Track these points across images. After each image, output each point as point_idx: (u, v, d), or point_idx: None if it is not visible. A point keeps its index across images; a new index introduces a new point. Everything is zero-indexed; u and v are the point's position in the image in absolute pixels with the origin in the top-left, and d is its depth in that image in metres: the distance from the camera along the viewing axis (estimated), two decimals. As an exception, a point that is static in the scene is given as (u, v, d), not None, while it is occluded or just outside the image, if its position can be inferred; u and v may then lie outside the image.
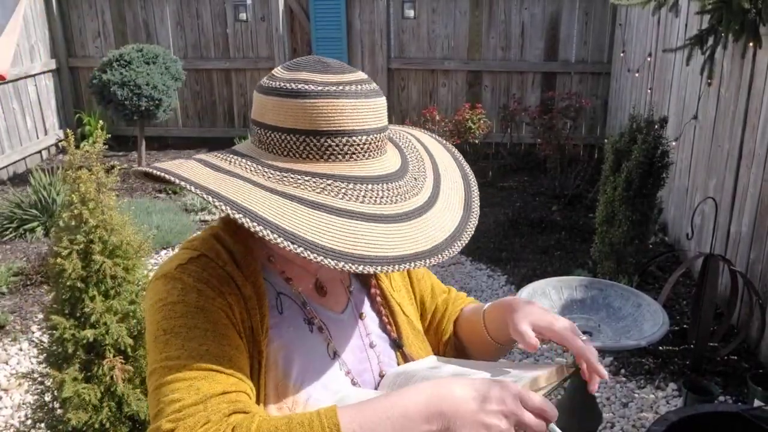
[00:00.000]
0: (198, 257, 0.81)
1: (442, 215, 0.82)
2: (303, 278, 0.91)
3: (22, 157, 5.95)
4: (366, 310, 0.97)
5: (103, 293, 1.88)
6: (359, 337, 0.93)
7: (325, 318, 0.90)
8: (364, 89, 0.80)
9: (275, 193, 0.74)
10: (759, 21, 2.70)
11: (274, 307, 0.85)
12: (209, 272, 0.80)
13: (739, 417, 1.98)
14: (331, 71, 0.79)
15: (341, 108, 0.77)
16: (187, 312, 0.76)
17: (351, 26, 6.32)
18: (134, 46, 5.69)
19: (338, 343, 0.90)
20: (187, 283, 0.78)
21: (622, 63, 5.46)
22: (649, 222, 3.33)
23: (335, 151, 0.78)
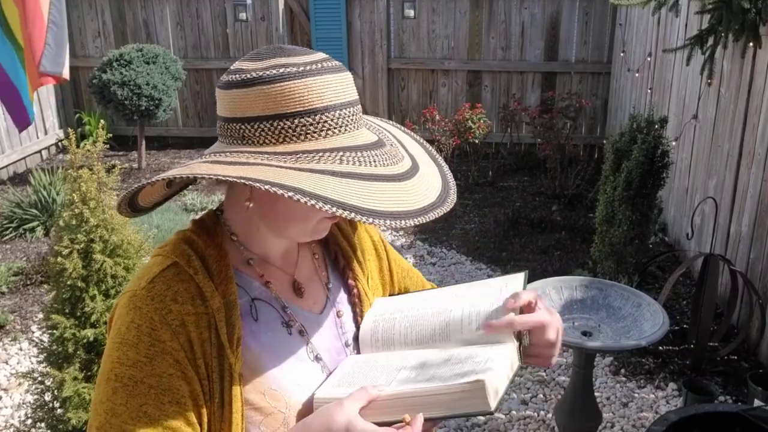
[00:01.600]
0: (167, 268, 0.81)
1: (430, 170, 0.87)
2: (281, 280, 0.90)
3: (22, 156, 5.95)
4: (343, 307, 0.97)
5: (104, 292, 1.89)
6: (337, 337, 0.93)
7: (304, 320, 0.90)
8: (335, 65, 0.81)
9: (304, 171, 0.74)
10: (759, 21, 2.70)
11: (248, 314, 0.84)
12: (174, 290, 0.79)
13: (739, 417, 1.98)
14: (297, 54, 0.80)
15: (327, 83, 0.78)
16: (137, 362, 0.77)
17: (351, 26, 6.32)
18: (134, 45, 5.69)
19: (318, 344, 0.90)
20: (145, 317, 0.78)
21: (622, 63, 5.46)
22: (649, 222, 3.33)
23: (331, 125, 0.78)
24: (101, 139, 1.98)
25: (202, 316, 0.80)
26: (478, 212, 4.95)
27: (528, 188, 5.43)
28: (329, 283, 0.96)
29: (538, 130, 5.56)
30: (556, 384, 2.90)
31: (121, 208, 0.86)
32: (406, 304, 0.96)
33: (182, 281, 0.80)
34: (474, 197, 5.26)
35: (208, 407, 0.79)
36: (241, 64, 0.80)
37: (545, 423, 2.64)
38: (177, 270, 0.81)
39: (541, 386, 2.89)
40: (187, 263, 0.81)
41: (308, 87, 0.77)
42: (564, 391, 2.37)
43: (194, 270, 0.81)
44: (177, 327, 0.78)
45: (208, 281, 0.81)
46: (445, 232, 4.62)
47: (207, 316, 0.80)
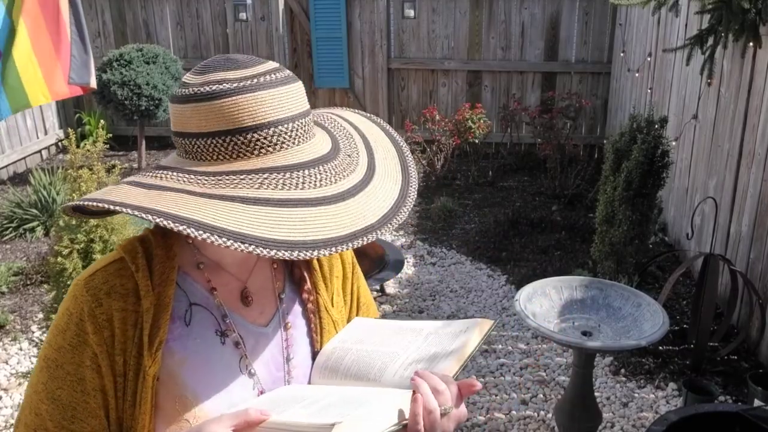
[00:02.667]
0: (113, 262, 0.83)
1: (383, 185, 0.82)
2: (229, 287, 0.88)
3: (22, 156, 5.95)
4: (294, 319, 0.94)
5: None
6: (279, 350, 0.90)
7: (245, 331, 0.88)
8: (279, 77, 0.79)
9: (213, 198, 0.73)
10: (759, 21, 2.70)
11: (181, 318, 0.84)
12: (111, 284, 0.81)
13: (739, 417, 1.98)
14: (241, 66, 0.78)
15: (261, 100, 0.76)
16: (61, 348, 0.81)
17: (351, 26, 6.32)
18: (134, 45, 5.69)
19: (255, 358, 0.88)
20: (79, 305, 0.81)
21: (622, 63, 5.46)
22: (649, 222, 3.33)
23: (264, 144, 0.77)
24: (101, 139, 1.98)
25: (130, 314, 0.81)
26: (478, 212, 4.95)
27: (528, 188, 5.43)
28: (283, 294, 0.93)
29: (538, 130, 5.57)
30: (556, 384, 2.90)
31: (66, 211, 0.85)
32: (371, 335, 0.93)
33: (122, 277, 0.82)
34: (474, 197, 5.26)
35: (118, 403, 0.81)
36: (186, 76, 0.80)
37: (545, 423, 2.64)
38: (121, 265, 0.83)
39: (541, 386, 2.89)
40: (132, 260, 0.82)
41: (238, 105, 0.76)
42: (564, 391, 2.37)
43: (136, 267, 0.82)
44: (103, 321, 0.80)
45: (146, 280, 0.81)
46: (445, 232, 4.62)
47: (136, 315, 0.81)
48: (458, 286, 3.82)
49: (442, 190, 5.36)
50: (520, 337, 3.28)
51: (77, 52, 3.14)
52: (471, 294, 3.74)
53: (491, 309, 3.58)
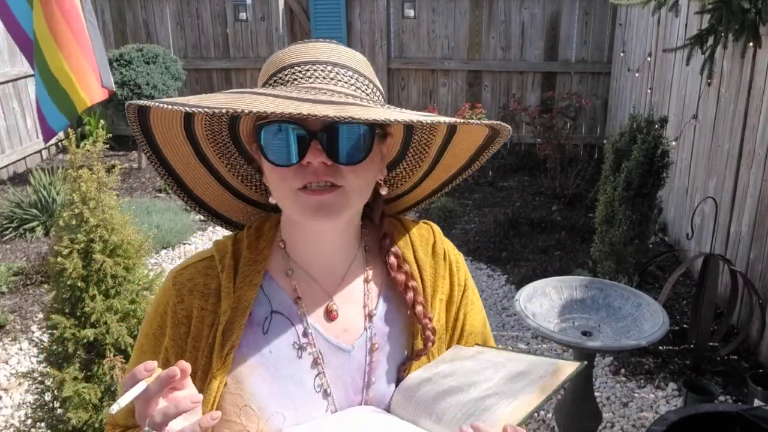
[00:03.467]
0: (204, 260, 0.85)
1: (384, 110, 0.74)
2: (316, 298, 0.84)
3: (22, 156, 5.95)
4: (383, 341, 0.86)
5: (104, 292, 1.89)
6: (361, 373, 0.84)
7: (326, 347, 0.83)
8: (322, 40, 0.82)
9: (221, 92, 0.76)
10: (759, 21, 2.70)
11: (259, 325, 0.81)
12: (196, 282, 0.83)
13: (739, 417, 1.98)
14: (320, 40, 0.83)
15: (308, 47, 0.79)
16: (147, 334, 0.86)
17: (351, 26, 6.32)
18: (134, 45, 5.69)
19: (333, 378, 0.82)
20: (167, 296, 0.84)
21: (622, 63, 5.46)
22: (649, 222, 3.33)
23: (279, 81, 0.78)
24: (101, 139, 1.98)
25: (209, 314, 0.81)
26: (478, 212, 4.95)
27: (528, 188, 5.43)
28: (374, 311, 0.86)
29: (538, 130, 5.57)
30: (556, 384, 2.90)
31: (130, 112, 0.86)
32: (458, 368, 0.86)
33: (207, 276, 0.83)
34: (474, 197, 5.26)
35: None
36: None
37: (545, 423, 2.64)
38: (210, 264, 0.84)
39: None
40: (220, 260, 0.83)
41: (290, 51, 0.79)
42: (564, 391, 2.37)
43: (222, 267, 0.82)
44: (182, 318, 0.82)
45: (229, 282, 0.81)
46: (445, 231, 4.56)
47: (214, 315, 0.81)
48: (458, 286, 3.83)
49: (442, 190, 5.36)
50: (520, 337, 3.28)
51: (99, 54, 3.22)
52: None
53: (491, 309, 3.58)
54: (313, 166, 0.75)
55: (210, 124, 0.83)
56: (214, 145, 0.86)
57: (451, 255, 0.94)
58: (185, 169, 0.87)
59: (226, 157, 0.87)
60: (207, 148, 0.86)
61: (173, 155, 0.85)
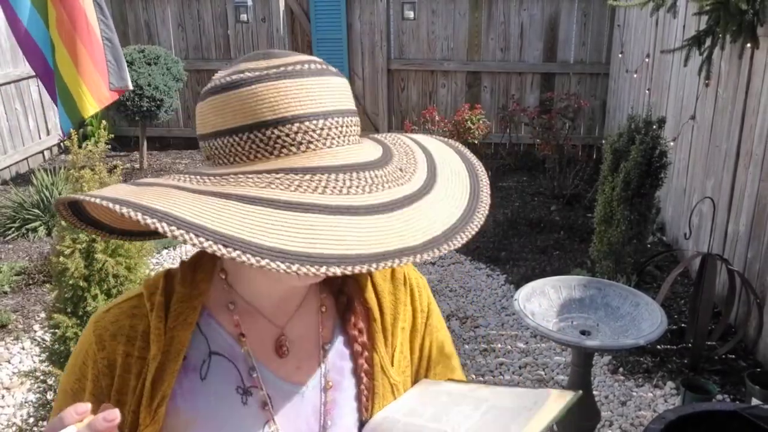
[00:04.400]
0: (131, 299, 0.73)
1: (438, 205, 0.63)
2: (263, 333, 0.74)
3: (25, 157, 5.97)
4: (340, 378, 0.76)
5: (106, 292, 1.90)
6: (316, 415, 0.74)
7: (275, 389, 0.72)
8: (313, 68, 0.64)
9: (205, 194, 0.58)
10: (756, 22, 2.72)
11: (196, 370, 0.70)
12: (119, 326, 0.71)
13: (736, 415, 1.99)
14: (273, 57, 0.65)
15: (285, 90, 0.62)
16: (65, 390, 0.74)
17: (351, 27, 6.34)
18: (136, 47, 5.71)
19: (284, 423, 0.72)
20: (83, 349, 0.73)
21: (621, 64, 5.48)
22: (647, 222, 3.34)
23: (286, 142, 0.62)
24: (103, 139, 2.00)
25: (135, 361, 0.70)
26: (478, 212, 4.96)
27: (527, 188, 5.45)
28: (328, 346, 0.76)
29: (536, 130, 5.58)
30: (554, 383, 2.91)
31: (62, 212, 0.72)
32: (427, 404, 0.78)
33: (134, 317, 0.71)
34: (474, 197, 5.27)
35: None
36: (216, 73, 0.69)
37: (544, 421, 2.65)
38: (137, 303, 0.72)
39: (540, 385, 2.90)
40: (149, 297, 0.71)
41: (256, 95, 0.62)
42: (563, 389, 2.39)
43: (151, 306, 0.70)
44: (103, 368, 0.70)
45: (159, 321, 0.69)
46: (444, 232, 4.63)
47: (141, 362, 0.69)
48: (457, 286, 3.84)
49: (442, 191, 5.37)
50: (519, 336, 3.29)
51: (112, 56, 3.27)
52: (470, 293, 3.76)
53: (490, 308, 3.59)
54: None
55: None
56: None
57: (412, 279, 0.84)
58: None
59: None
60: None
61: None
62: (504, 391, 0.76)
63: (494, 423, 0.71)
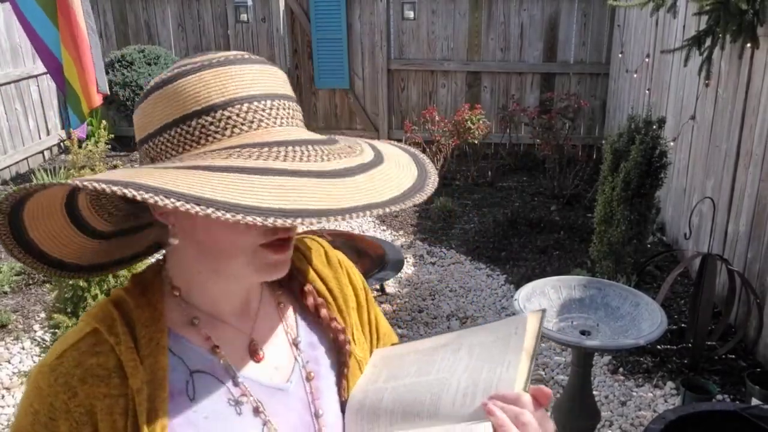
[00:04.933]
0: (84, 337, 0.67)
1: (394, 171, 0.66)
2: (234, 342, 0.74)
3: (25, 157, 5.97)
4: (317, 367, 0.78)
5: (105, 292, 1.90)
6: (306, 407, 0.76)
7: (262, 393, 0.73)
8: (253, 58, 0.67)
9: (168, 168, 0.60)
10: (756, 22, 2.72)
11: (182, 393, 0.68)
12: (85, 367, 0.65)
13: (736, 416, 1.99)
14: (211, 53, 0.68)
15: (230, 74, 0.64)
16: None
17: (351, 27, 6.34)
18: (136, 47, 5.72)
19: (280, 425, 0.73)
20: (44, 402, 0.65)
21: (621, 64, 5.48)
22: (647, 222, 3.35)
23: (237, 121, 0.63)
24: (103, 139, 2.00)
25: (117, 400, 0.65)
26: (478, 212, 4.97)
27: (527, 188, 5.45)
28: (298, 339, 0.78)
29: (537, 130, 5.58)
30: (554, 383, 2.91)
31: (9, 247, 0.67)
32: (401, 366, 0.80)
33: (98, 354, 0.66)
34: (473, 197, 5.28)
35: None
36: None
37: (544, 421, 2.66)
38: (95, 339, 0.67)
39: (540, 385, 2.90)
40: (108, 330, 0.66)
41: (203, 81, 0.64)
42: (563, 389, 2.38)
43: (116, 339, 0.66)
44: (81, 416, 0.64)
45: (131, 352, 0.66)
46: (444, 231, 4.64)
47: (124, 399, 0.65)
48: (457, 286, 3.84)
49: (442, 191, 5.38)
50: (519, 336, 3.29)
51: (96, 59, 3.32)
52: (470, 293, 3.76)
53: (490, 308, 3.59)
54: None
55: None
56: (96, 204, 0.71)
57: (345, 262, 0.88)
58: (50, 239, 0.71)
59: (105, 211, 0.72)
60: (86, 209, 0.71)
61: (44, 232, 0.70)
62: (476, 330, 0.78)
63: (489, 356, 0.72)
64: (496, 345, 0.74)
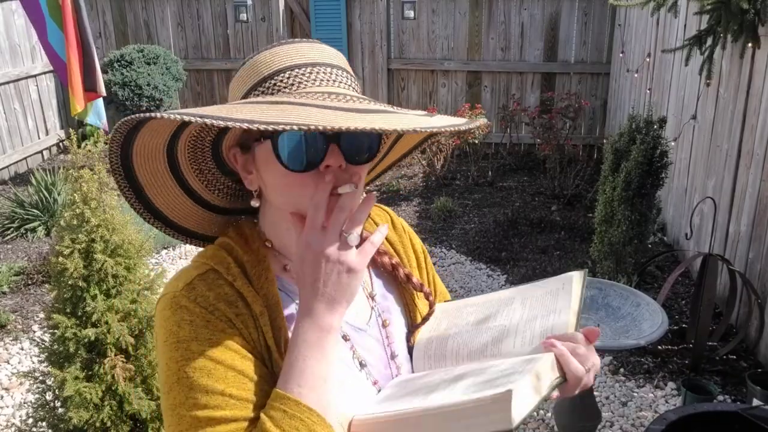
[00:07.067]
0: (206, 273, 0.78)
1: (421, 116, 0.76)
2: None
3: (24, 156, 5.96)
4: (390, 316, 0.92)
5: (105, 292, 1.89)
6: (382, 348, 0.89)
7: (347, 328, 0.85)
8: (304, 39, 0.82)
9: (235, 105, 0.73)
10: (758, 21, 2.71)
11: (292, 318, 0.80)
12: (216, 292, 0.76)
13: (737, 416, 1.99)
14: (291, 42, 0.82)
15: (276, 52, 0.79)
16: (203, 353, 0.73)
17: (351, 27, 6.33)
18: (135, 46, 5.71)
19: (363, 353, 0.86)
20: (194, 313, 0.75)
21: (621, 63, 5.47)
22: (648, 222, 3.34)
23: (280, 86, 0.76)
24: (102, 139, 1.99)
25: (248, 318, 0.76)
26: (478, 212, 4.96)
27: (527, 188, 5.44)
28: (373, 292, 0.92)
29: (537, 130, 5.58)
30: (555, 383, 2.91)
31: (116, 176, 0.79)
32: (460, 317, 0.91)
33: (221, 285, 0.77)
34: (473, 197, 5.27)
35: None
36: None
37: (544, 422, 2.65)
38: (216, 276, 0.78)
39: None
40: (226, 270, 0.78)
41: (257, 61, 0.79)
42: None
43: (233, 277, 0.78)
44: (228, 321, 0.75)
45: (248, 287, 0.77)
46: (444, 231, 4.63)
47: (252, 320, 0.76)
48: (458, 286, 3.83)
49: (442, 191, 5.37)
50: (519, 336, 3.28)
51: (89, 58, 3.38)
52: (470, 294, 3.75)
53: (491, 309, 3.59)
54: (332, 170, 0.74)
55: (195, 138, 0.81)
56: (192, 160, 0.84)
57: (407, 227, 1.03)
58: (158, 191, 0.84)
59: (200, 170, 0.85)
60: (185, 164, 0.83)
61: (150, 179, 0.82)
62: (527, 286, 0.91)
63: (541, 306, 0.85)
64: (547, 297, 0.86)
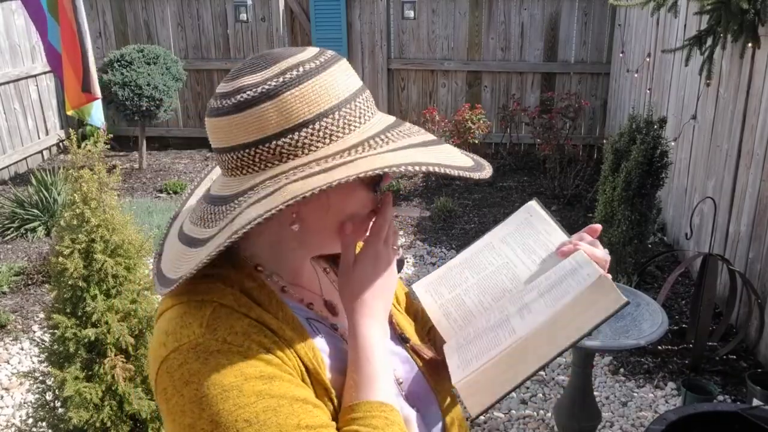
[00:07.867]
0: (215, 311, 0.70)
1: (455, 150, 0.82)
2: (316, 302, 0.85)
3: (24, 156, 5.96)
4: None
5: (105, 292, 1.89)
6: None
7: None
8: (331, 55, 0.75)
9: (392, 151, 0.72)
10: (758, 21, 2.71)
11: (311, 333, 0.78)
12: (240, 327, 0.69)
13: (737, 416, 1.98)
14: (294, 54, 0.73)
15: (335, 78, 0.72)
16: (260, 391, 0.66)
17: (351, 27, 6.33)
18: (135, 46, 5.71)
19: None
20: (231, 353, 0.67)
21: (622, 63, 5.47)
22: (648, 222, 3.34)
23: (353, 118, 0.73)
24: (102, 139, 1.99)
25: (282, 345, 0.71)
26: (478, 212, 4.96)
27: (527, 188, 5.44)
28: None
29: (537, 130, 5.57)
30: (555, 383, 2.90)
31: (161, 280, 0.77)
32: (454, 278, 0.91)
33: (240, 319, 0.70)
34: (473, 197, 5.27)
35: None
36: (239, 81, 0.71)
37: (544, 422, 2.65)
38: (228, 310, 0.70)
39: (541, 385, 2.89)
40: (235, 303, 0.71)
41: (320, 86, 0.70)
42: (563, 390, 2.38)
43: (246, 308, 0.71)
44: (267, 352, 0.69)
45: (266, 314, 0.72)
46: (444, 232, 4.63)
47: (285, 346, 0.72)
48: (458, 286, 3.83)
49: (442, 190, 5.37)
50: (519, 336, 3.28)
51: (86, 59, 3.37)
52: (471, 294, 3.75)
53: (491, 309, 3.58)
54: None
55: None
56: None
57: None
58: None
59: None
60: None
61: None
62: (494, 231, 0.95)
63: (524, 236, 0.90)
64: (522, 228, 0.89)
